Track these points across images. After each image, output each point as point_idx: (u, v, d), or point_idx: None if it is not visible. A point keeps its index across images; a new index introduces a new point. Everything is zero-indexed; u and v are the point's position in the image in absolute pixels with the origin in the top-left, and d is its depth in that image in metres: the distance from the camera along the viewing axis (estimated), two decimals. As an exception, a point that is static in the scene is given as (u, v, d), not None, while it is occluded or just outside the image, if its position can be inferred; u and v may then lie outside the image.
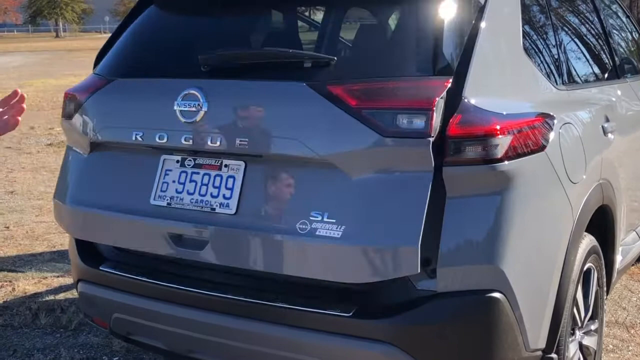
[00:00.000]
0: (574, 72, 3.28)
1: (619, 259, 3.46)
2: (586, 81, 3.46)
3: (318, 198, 2.37)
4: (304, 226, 2.36)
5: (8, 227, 6.04)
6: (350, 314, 2.37)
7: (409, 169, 2.30)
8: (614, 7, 4.34)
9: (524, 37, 2.79)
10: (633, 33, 4.54)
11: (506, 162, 2.33)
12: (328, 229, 2.32)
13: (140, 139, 2.70)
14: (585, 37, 3.74)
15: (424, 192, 2.26)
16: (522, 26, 2.80)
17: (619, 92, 3.68)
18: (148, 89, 2.77)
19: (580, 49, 3.58)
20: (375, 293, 2.39)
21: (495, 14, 2.61)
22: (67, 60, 29.87)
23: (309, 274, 2.41)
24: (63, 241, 5.51)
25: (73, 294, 4.35)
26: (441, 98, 2.32)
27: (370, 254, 2.29)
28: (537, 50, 2.97)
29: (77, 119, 2.92)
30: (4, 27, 76.14)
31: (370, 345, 2.36)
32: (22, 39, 61.76)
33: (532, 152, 2.44)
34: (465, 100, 2.36)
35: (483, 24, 2.52)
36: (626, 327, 3.96)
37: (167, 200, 2.64)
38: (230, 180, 2.55)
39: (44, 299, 4.41)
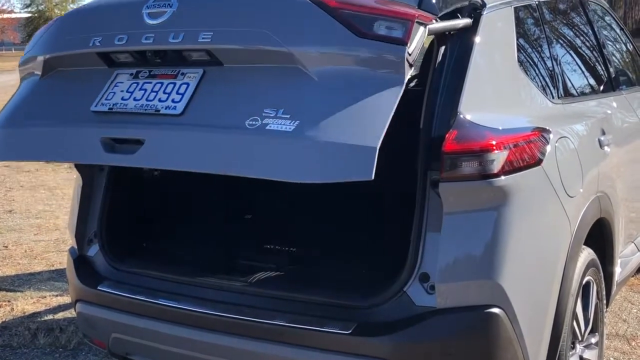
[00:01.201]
0: (569, 86, 3.29)
1: (618, 271, 3.45)
2: (582, 94, 3.47)
3: (275, 97, 2.22)
4: (254, 122, 2.17)
5: (7, 247, 6.02)
6: (350, 331, 2.36)
7: (379, 74, 2.19)
8: (607, 19, 4.36)
9: (518, 51, 2.80)
10: (627, 45, 4.56)
11: (503, 177, 2.33)
12: (280, 124, 2.14)
13: (98, 43, 2.51)
14: (579, 50, 3.75)
15: (391, 98, 2.14)
16: (517, 40, 2.81)
17: (614, 105, 3.69)
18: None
19: (575, 62, 3.59)
20: (375, 310, 2.39)
21: (490, 28, 2.61)
22: (65, 77, 29.84)
23: (257, 172, 2.19)
24: (62, 260, 5.49)
25: (72, 313, 4.33)
26: (420, 24, 2.23)
27: (324, 150, 2.08)
28: (532, 64, 2.98)
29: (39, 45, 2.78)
30: (2, 45, 76.33)
31: (370, 362, 2.35)
32: (19, 57, 61.79)
33: (529, 166, 2.44)
34: (461, 115, 2.37)
35: (477, 39, 2.52)
36: (627, 340, 3.94)
37: (109, 106, 2.44)
38: (184, 87, 2.39)
39: (42, 319, 4.40)
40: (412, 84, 5.03)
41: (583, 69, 3.68)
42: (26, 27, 76.11)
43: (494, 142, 2.33)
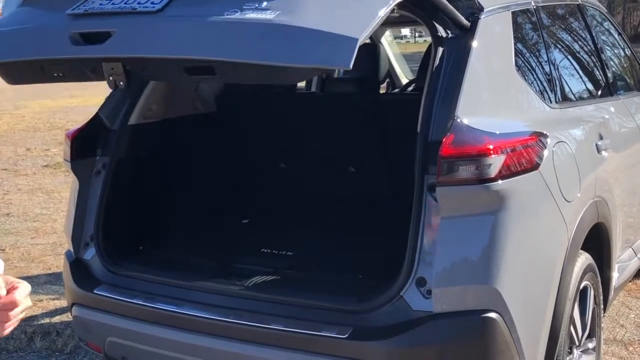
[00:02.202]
0: (567, 90, 3.28)
1: (615, 276, 3.45)
2: (579, 99, 3.47)
3: None
4: (234, 12, 2.09)
5: (4, 250, 6.00)
6: (346, 335, 2.36)
7: None
8: (605, 24, 4.36)
9: (516, 55, 2.80)
10: (625, 50, 4.56)
11: (500, 182, 2.33)
12: (259, 12, 2.06)
13: None
14: (577, 55, 3.76)
15: None
16: (515, 44, 2.82)
17: (612, 109, 3.69)
18: None
19: (573, 67, 3.59)
20: (371, 314, 2.38)
21: (487, 32, 2.62)
22: (63, 81, 29.84)
23: (232, 54, 2.07)
24: (59, 263, 5.47)
25: (69, 316, 4.30)
26: None
27: (306, 36, 2.00)
28: (529, 69, 2.98)
29: None
30: None
31: (366, 367, 2.34)
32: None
33: (526, 171, 2.44)
34: (458, 119, 2.37)
35: (475, 43, 2.52)
36: (624, 345, 3.93)
37: (85, 8, 2.33)
38: None
39: (39, 322, 4.38)
40: (409, 89, 5.07)
41: (581, 73, 3.68)
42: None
43: (491, 147, 2.33)
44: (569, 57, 3.60)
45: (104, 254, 2.97)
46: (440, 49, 2.51)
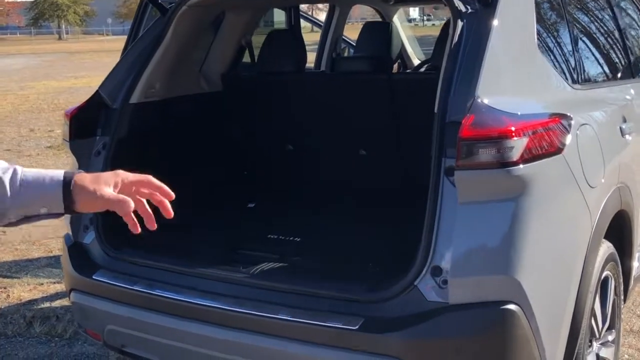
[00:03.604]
0: (589, 71, 3.15)
1: (635, 265, 3.32)
2: (602, 80, 3.34)
3: None
4: None
5: (4, 232, 5.90)
6: (357, 327, 2.24)
7: None
8: (628, 4, 4.20)
9: (538, 33, 2.67)
10: (647, 31, 4.39)
11: (522, 166, 2.20)
12: None
13: None
14: (600, 35, 3.61)
15: None
16: (536, 22, 2.68)
17: (634, 92, 3.54)
18: None
19: (596, 47, 3.44)
20: (383, 305, 2.26)
21: (509, 8, 2.49)
22: (69, 62, 29.77)
23: None
24: (60, 246, 5.37)
25: (69, 301, 4.21)
26: None
27: None
28: (552, 47, 2.85)
29: None
30: (7, 29, 76.33)
31: (377, 360, 2.22)
32: (24, 41, 61.77)
33: (549, 154, 2.31)
34: (478, 99, 2.24)
35: (496, 19, 2.39)
36: (642, 336, 3.81)
37: None
38: None
39: (39, 307, 4.28)
40: (423, 68, 4.91)
41: (603, 54, 3.54)
42: (31, 10, 75.98)
43: (513, 128, 2.21)
44: (592, 37, 3.45)
45: (104, 238, 2.86)
46: (460, 24, 2.38)
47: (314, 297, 2.37)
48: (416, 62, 5.46)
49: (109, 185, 1.33)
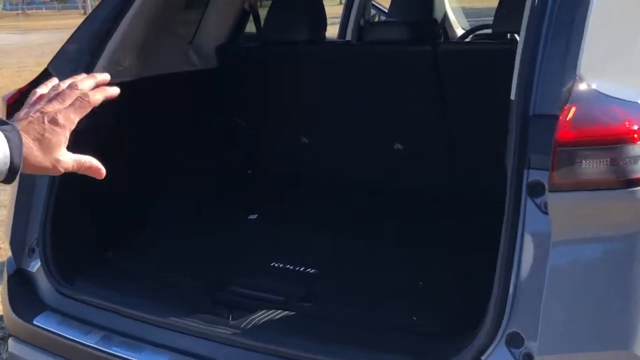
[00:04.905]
0: None
1: None
2: None
3: None
4: None
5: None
6: None
7: None
8: None
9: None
10: None
11: (652, 186, 1.59)
12: None
13: None
14: None
15: None
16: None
17: None
18: None
19: None
20: None
21: None
22: (91, 37, 29.86)
23: None
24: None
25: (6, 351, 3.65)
26: None
27: None
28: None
29: None
30: (32, 4, 77.70)
31: None
32: (49, 16, 62.79)
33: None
34: (582, 84, 1.62)
35: None
36: None
37: None
38: None
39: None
40: (469, 38, 4.12)
41: None
42: (57, -15, 76.89)
43: (636, 127, 1.56)
44: None
45: (52, 265, 2.27)
46: None
47: None
48: (459, 31, 4.68)
49: (62, 145, 1.13)
